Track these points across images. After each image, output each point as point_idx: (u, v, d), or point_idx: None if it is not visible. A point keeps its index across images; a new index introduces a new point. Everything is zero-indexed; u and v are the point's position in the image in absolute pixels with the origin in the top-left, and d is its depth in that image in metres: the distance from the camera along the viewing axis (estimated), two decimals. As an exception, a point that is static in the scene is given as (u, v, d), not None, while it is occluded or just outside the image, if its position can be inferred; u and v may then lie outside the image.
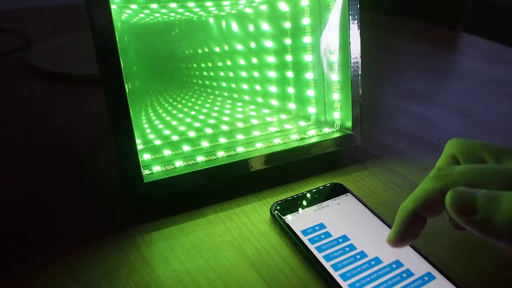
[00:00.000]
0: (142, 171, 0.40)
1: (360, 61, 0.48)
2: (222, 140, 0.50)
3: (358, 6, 0.47)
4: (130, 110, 0.39)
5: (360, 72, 0.48)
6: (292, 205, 0.42)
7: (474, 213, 0.27)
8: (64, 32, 0.95)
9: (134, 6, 0.50)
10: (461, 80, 0.81)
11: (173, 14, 0.58)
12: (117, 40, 0.37)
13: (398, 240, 0.32)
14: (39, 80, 0.74)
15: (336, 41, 0.49)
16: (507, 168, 0.29)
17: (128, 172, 0.40)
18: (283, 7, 0.53)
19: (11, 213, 0.42)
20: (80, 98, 0.68)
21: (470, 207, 0.27)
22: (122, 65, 0.38)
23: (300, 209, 0.41)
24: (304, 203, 0.42)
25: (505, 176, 0.28)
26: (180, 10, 0.55)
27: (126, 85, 0.38)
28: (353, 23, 0.47)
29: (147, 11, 0.54)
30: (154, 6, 0.51)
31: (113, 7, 0.37)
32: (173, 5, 0.51)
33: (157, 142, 0.50)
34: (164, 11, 0.54)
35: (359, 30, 0.48)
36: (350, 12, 0.47)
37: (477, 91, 0.75)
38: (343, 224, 0.39)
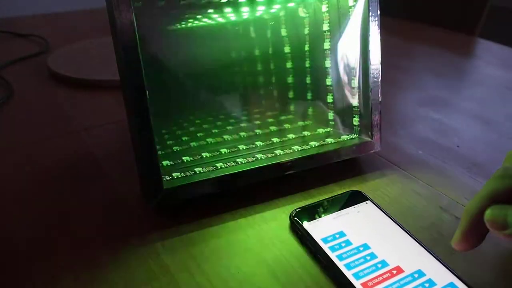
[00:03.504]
0: (162, 177, 0.40)
1: (380, 67, 0.48)
2: (241, 146, 0.50)
3: (379, 12, 0.46)
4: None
5: (380, 78, 0.48)
6: (311, 213, 0.41)
7: (506, 228, 0.30)
8: (82, 37, 0.96)
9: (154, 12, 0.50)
10: (479, 86, 0.80)
11: (191, 20, 0.58)
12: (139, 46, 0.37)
13: (463, 242, 0.33)
14: (58, 85, 0.75)
15: (355, 46, 0.49)
16: None
17: (148, 178, 0.40)
18: (302, 13, 0.53)
19: (30, 220, 0.43)
20: (98, 103, 0.68)
21: (503, 223, 0.30)
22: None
23: (319, 217, 0.41)
24: (324, 210, 0.42)
25: None
26: (199, 16, 0.55)
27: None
28: (373, 28, 0.47)
29: (166, 18, 0.54)
30: (173, 12, 0.51)
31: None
32: (192, 11, 0.51)
33: (176, 148, 0.50)
34: (183, 17, 0.54)
35: (379, 36, 0.47)
36: (371, 18, 0.46)
37: (495, 97, 0.74)
38: (364, 232, 0.39)
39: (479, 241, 0.33)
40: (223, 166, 0.45)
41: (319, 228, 0.39)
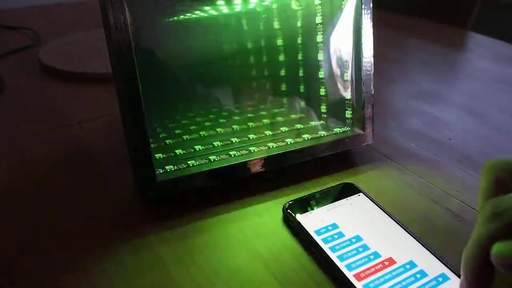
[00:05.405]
0: (155, 170, 0.40)
1: (372, 60, 0.48)
2: (234, 139, 0.50)
3: (371, 5, 0.47)
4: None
5: (372, 71, 0.48)
6: (304, 205, 0.41)
7: None
8: (73, 30, 0.95)
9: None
10: (470, 79, 0.80)
11: (184, 12, 0.58)
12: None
13: None
14: (49, 78, 0.74)
15: (348, 39, 0.49)
16: None
17: (141, 171, 0.40)
18: (295, 5, 0.53)
19: (25, 215, 0.43)
20: (91, 97, 0.68)
21: None
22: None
23: (312, 209, 0.41)
24: (317, 202, 0.42)
25: None
26: (192, 9, 0.55)
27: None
28: (366, 21, 0.47)
29: (159, 10, 0.54)
30: (166, 4, 0.51)
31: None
32: (184, 3, 0.51)
33: (169, 141, 0.50)
34: (176, 9, 0.54)
35: (372, 29, 0.47)
36: (363, 11, 0.46)
37: (487, 90, 0.74)
38: (356, 224, 0.39)
39: (490, 284, 0.29)
40: (216, 159, 0.45)
41: (312, 220, 0.39)
